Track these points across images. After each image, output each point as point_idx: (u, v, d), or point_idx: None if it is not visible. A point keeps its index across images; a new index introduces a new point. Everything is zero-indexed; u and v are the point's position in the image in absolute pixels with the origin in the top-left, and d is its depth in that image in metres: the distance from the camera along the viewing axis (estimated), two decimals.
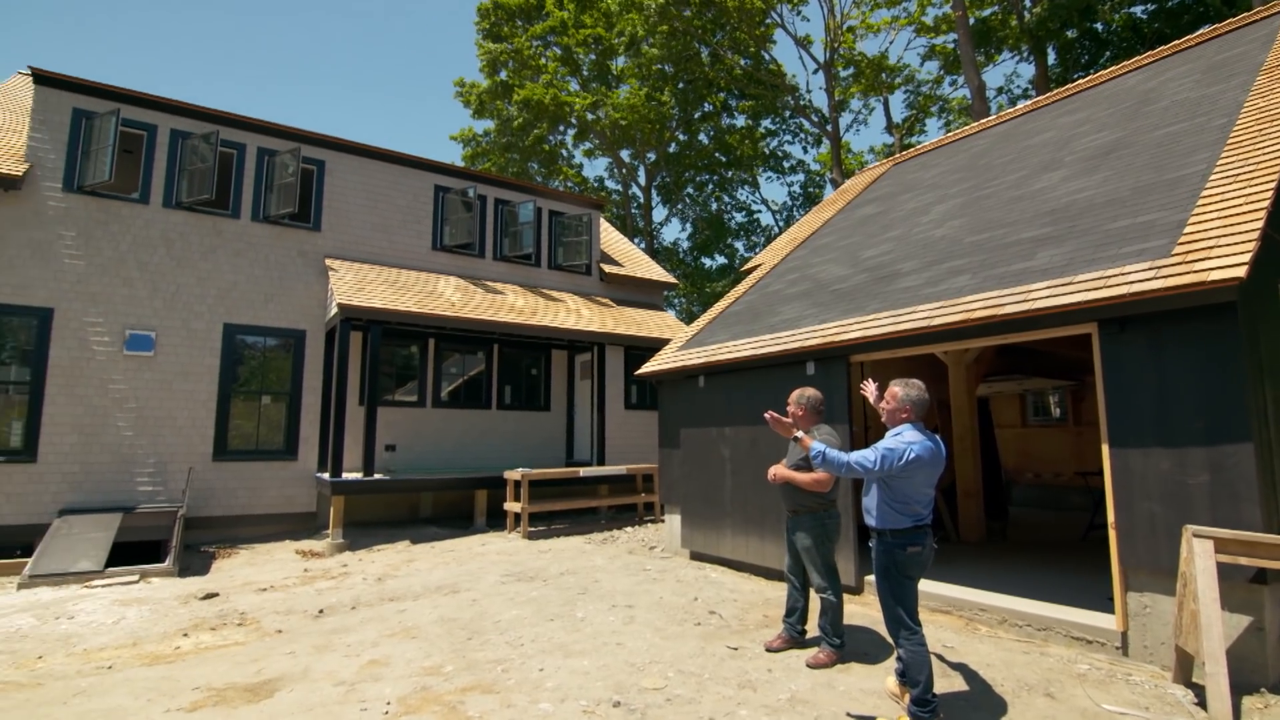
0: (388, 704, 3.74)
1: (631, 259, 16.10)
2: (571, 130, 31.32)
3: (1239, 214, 4.21)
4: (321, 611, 5.84)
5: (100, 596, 6.59)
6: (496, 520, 10.72)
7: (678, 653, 4.50)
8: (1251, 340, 3.98)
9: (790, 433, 4.01)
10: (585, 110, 28.60)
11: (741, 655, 4.44)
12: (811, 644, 4.48)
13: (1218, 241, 4.03)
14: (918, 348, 5.66)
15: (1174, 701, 3.63)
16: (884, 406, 3.71)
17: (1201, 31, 8.84)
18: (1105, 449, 4.40)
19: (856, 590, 5.83)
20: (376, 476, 9.74)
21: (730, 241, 34.32)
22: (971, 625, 5.02)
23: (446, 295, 11.21)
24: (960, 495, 8.27)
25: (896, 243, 7.82)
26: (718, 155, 32.07)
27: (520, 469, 10.07)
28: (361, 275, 10.88)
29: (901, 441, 3.46)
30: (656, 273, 15.74)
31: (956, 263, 6.16)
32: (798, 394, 4.49)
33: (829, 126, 28.35)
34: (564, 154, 32.92)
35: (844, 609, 4.45)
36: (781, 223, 34.04)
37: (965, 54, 20.31)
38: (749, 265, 12.13)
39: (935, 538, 3.68)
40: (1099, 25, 20.18)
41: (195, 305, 10.16)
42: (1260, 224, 3.98)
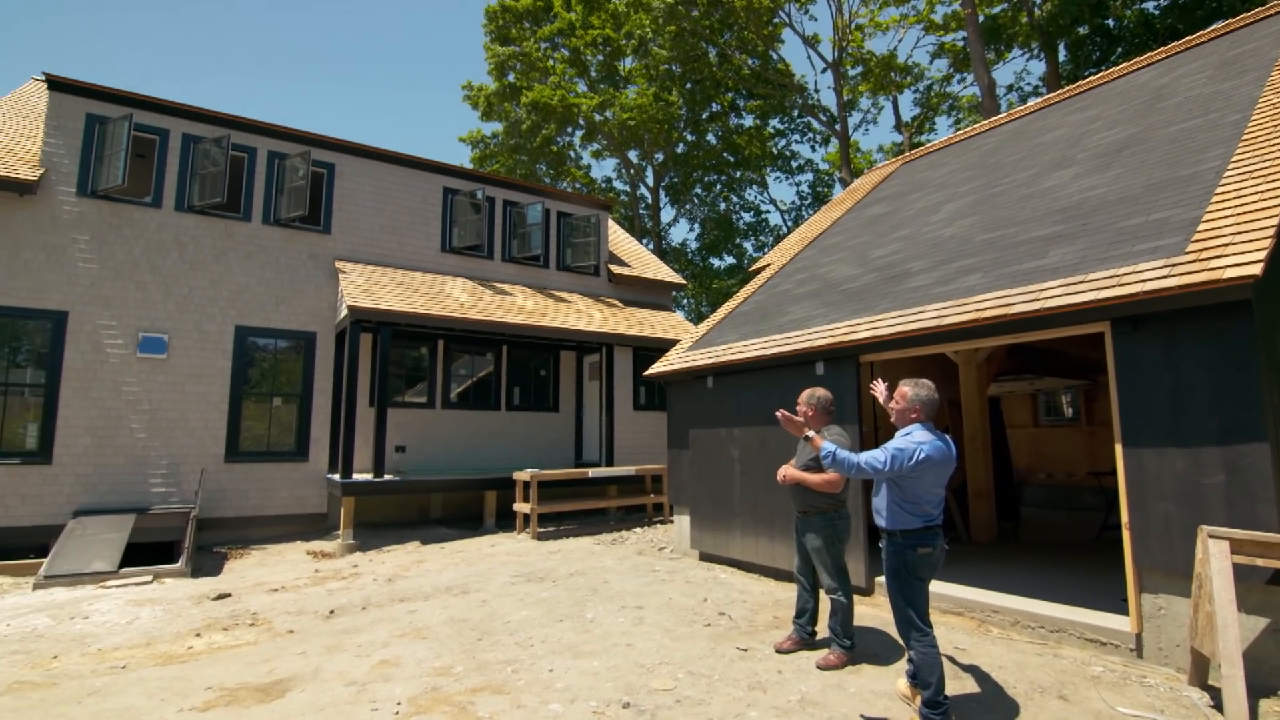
0: (398, 704, 3.76)
1: (640, 260, 16.10)
2: (579, 131, 31.35)
3: (1254, 210, 4.16)
4: (332, 612, 5.87)
5: (114, 597, 6.65)
6: (506, 521, 10.75)
7: (687, 654, 4.49)
8: (1267, 338, 3.94)
9: (801, 431, 3.99)
10: (593, 111, 28.62)
11: (751, 656, 4.43)
12: (822, 645, 4.46)
13: (1233, 239, 3.99)
14: (928, 347, 5.63)
15: (1190, 704, 3.59)
16: (893, 406, 3.69)
17: (1214, 27, 8.76)
18: (1119, 449, 4.36)
19: (867, 591, 5.80)
20: (387, 478, 9.78)
21: (739, 241, 34.26)
22: (983, 627, 4.99)
23: (455, 297, 11.25)
24: (971, 496, 8.21)
25: (906, 242, 7.78)
26: (726, 155, 32.02)
27: (529, 470, 10.09)
28: (371, 277, 10.94)
29: (911, 441, 3.45)
30: (665, 273, 15.73)
31: (967, 262, 6.12)
32: (808, 394, 4.47)
33: (837, 126, 28.26)
34: (572, 155, 32.95)
35: (854, 610, 4.43)
36: (790, 222, 33.96)
37: (975, 51, 20.19)
38: (757, 265, 12.12)
39: (946, 538, 3.65)
40: (1110, 21, 20.01)
41: (207, 308, 10.25)
42: (1276, 220, 3.93)
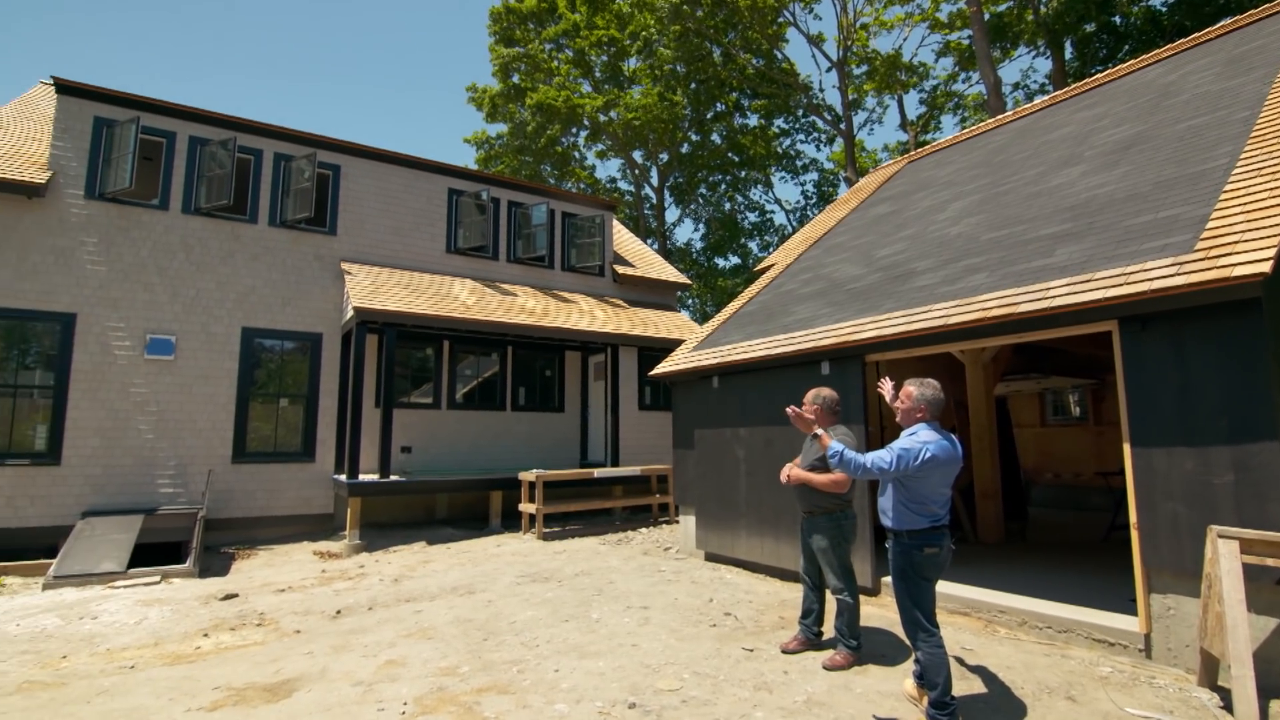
0: (405, 704, 3.77)
1: (644, 260, 16.10)
2: (584, 132, 31.39)
3: (1264, 208, 4.13)
4: (339, 612, 5.89)
5: (123, 597, 6.68)
6: (511, 521, 10.76)
7: (693, 654, 4.48)
8: (1277, 337, 3.90)
9: (811, 428, 4.01)
10: (597, 112, 28.64)
11: (757, 657, 4.42)
12: (828, 646, 4.45)
13: (1242, 236, 3.96)
14: (934, 347, 5.61)
15: (1199, 705, 3.57)
16: (899, 406, 3.69)
17: (1222, 23, 8.70)
18: (1127, 448, 4.33)
19: (873, 591, 5.79)
20: (393, 478, 9.80)
21: (743, 241, 34.23)
22: (991, 627, 4.97)
23: (460, 297, 11.27)
24: (978, 496, 8.18)
25: (911, 241, 7.75)
26: (730, 155, 31.99)
27: (535, 470, 10.10)
28: (377, 278, 10.97)
29: (917, 441, 3.44)
30: (669, 273, 15.72)
31: (973, 260, 6.10)
32: (814, 393, 4.46)
33: (842, 125, 28.21)
34: (576, 156, 32.98)
35: (860, 610, 4.42)
36: (795, 222, 33.91)
37: (980, 49, 20.11)
38: (762, 265, 12.10)
39: (953, 539, 3.64)
40: (1117, 18, 19.89)
41: (214, 309, 10.30)
42: None
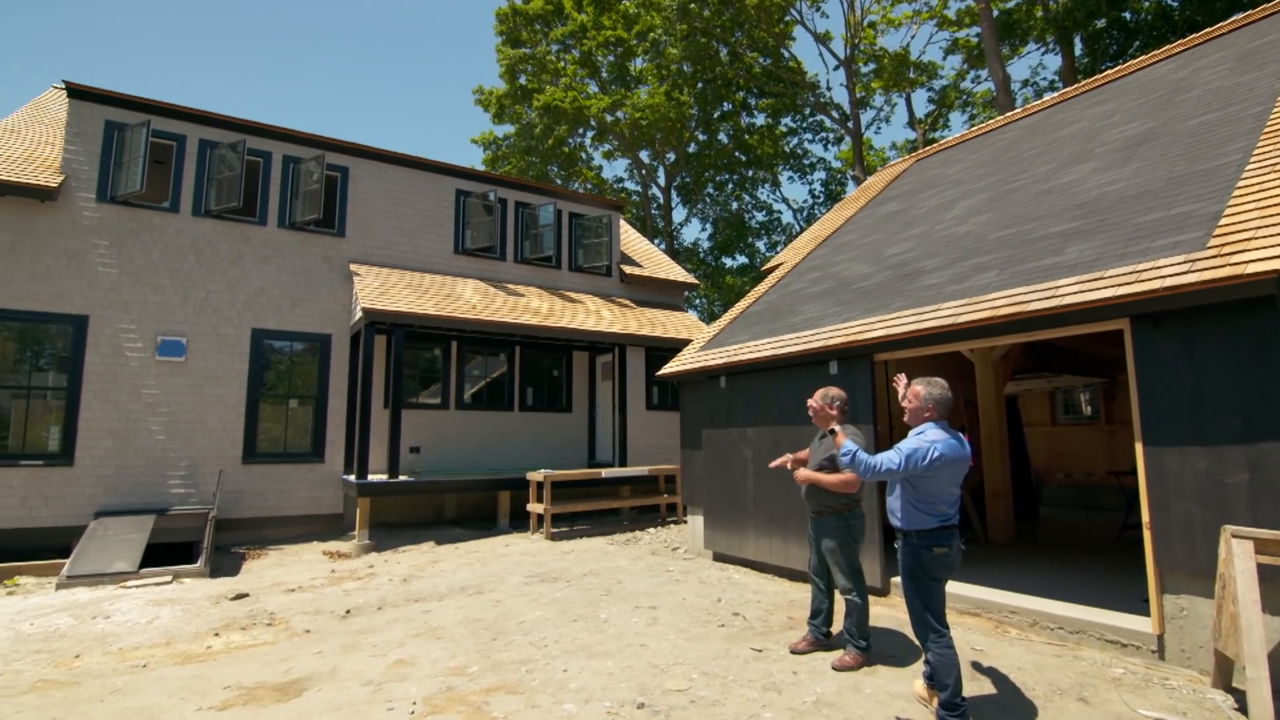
0: (414, 704, 3.78)
1: (652, 260, 16.09)
2: (590, 132, 31.40)
3: (1278, 204, 4.08)
4: (349, 612, 5.92)
5: (135, 597, 6.74)
6: (520, 521, 10.78)
7: (701, 654, 4.48)
8: None
9: (829, 424, 4.02)
10: (604, 112, 28.65)
11: (766, 657, 4.41)
12: (837, 646, 4.43)
13: (1256, 233, 3.92)
14: (943, 346, 5.58)
15: (1213, 707, 3.53)
16: (906, 405, 3.68)
17: (1234, 18, 8.59)
18: (1139, 447, 4.30)
19: (882, 592, 5.76)
20: (401, 478, 9.84)
21: (751, 241, 34.14)
22: (1001, 628, 4.93)
23: (468, 298, 11.30)
24: (989, 495, 8.13)
25: (920, 240, 7.71)
26: (738, 154, 31.91)
27: (543, 470, 10.12)
28: (385, 279, 11.02)
29: (925, 440, 3.43)
30: (677, 273, 15.71)
31: (982, 259, 6.06)
32: (822, 393, 4.44)
33: (850, 123, 28.09)
34: (583, 156, 33.01)
35: (870, 611, 4.40)
36: (803, 221, 33.80)
37: (989, 47, 20.00)
38: (770, 264, 12.06)
39: (963, 538, 3.62)
40: (1128, 14, 19.72)
41: (224, 311, 10.36)
42: None
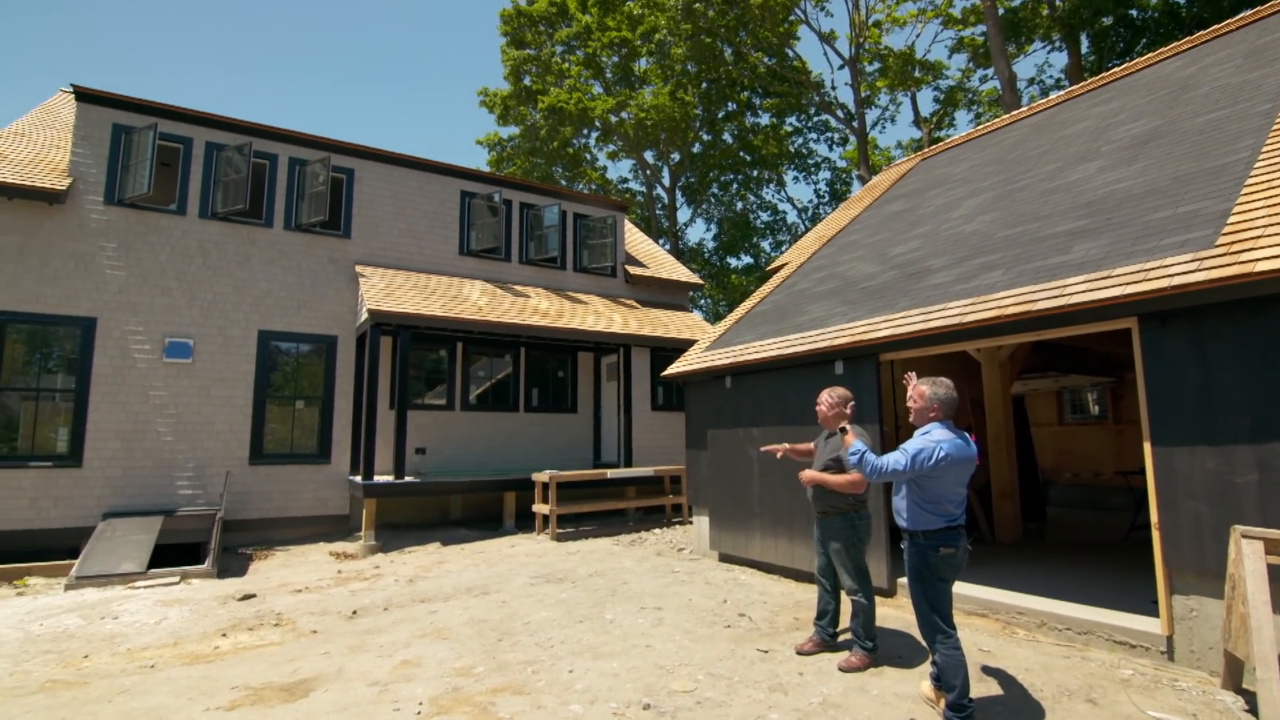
0: (420, 704, 3.78)
1: (656, 260, 16.09)
2: (595, 133, 31.41)
3: None
4: (355, 612, 5.93)
5: (143, 597, 6.77)
6: (525, 522, 10.80)
7: (707, 655, 4.47)
8: None
9: (839, 423, 4.03)
10: (608, 113, 28.65)
11: (772, 658, 4.40)
12: (843, 647, 4.42)
13: (1264, 231, 3.89)
14: (949, 345, 5.56)
15: (1223, 708, 3.51)
16: (912, 405, 3.67)
17: (1242, 15, 8.54)
18: (1147, 447, 4.27)
19: (889, 592, 5.74)
20: (407, 479, 9.86)
21: (756, 241, 34.07)
22: (1009, 629, 4.91)
23: (473, 299, 11.32)
24: (995, 495, 8.09)
25: (926, 239, 7.69)
26: (742, 154, 31.85)
27: (548, 471, 10.12)
28: (390, 281, 11.05)
29: (930, 440, 3.42)
30: (681, 273, 15.70)
31: (988, 258, 6.04)
32: (827, 392, 4.44)
33: (855, 123, 28.02)
34: (588, 157, 33.02)
35: (876, 611, 4.38)
36: (808, 221, 33.73)
37: (995, 45, 19.91)
38: (775, 264, 12.05)
39: (970, 539, 3.60)
40: (1134, 11, 19.61)
41: (231, 313, 10.41)
42: None
